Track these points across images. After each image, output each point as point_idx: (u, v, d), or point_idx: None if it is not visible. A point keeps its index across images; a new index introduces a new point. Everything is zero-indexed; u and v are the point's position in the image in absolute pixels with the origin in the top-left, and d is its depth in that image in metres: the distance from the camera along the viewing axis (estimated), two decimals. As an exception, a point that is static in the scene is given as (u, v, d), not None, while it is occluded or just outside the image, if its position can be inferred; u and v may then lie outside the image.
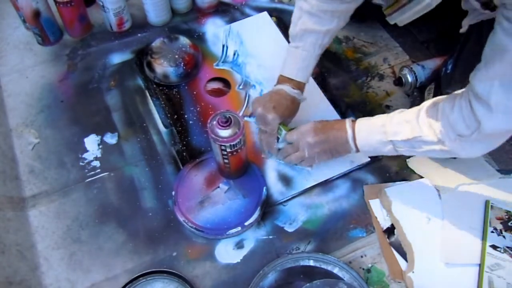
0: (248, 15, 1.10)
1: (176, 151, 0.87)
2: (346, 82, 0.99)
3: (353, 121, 0.74)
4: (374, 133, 0.71)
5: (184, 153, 0.86)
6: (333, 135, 0.75)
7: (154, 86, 0.96)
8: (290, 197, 0.81)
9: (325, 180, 0.83)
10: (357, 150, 0.74)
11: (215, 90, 0.96)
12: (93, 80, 0.98)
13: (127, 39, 1.05)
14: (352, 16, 1.07)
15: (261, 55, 1.01)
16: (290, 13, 1.09)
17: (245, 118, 0.90)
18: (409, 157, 0.85)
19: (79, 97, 0.95)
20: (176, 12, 1.10)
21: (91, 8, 1.09)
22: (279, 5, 1.13)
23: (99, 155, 0.87)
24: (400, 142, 0.68)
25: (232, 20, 1.09)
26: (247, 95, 0.94)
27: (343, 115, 0.91)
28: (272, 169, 0.84)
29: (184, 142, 0.88)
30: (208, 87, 0.97)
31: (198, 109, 0.92)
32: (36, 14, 0.97)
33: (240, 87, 0.96)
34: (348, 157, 0.84)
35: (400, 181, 0.83)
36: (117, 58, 1.02)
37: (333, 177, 0.83)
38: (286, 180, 0.83)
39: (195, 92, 0.95)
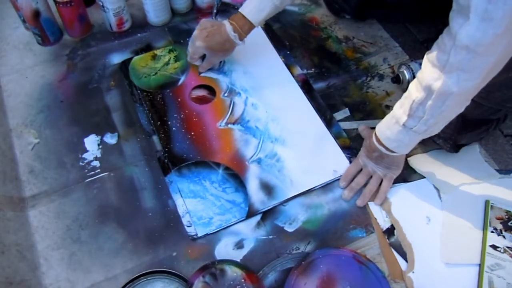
0: (248, 15, 1.09)
1: (157, 158, 0.85)
2: (346, 82, 0.99)
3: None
4: (391, 128, 0.72)
5: (166, 160, 0.85)
6: (373, 152, 0.79)
7: (139, 92, 0.95)
8: (270, 207, 0.80)
9: (307, 190, 0.82)
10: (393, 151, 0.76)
11: (200, 98, 0.95)
12: (93, 80, 0.98)
13: (127, 39, 1.05)
14: (352, 16, 1.08)
15: (247, 62, 1.00)
16: (290, 13, 1.11)
17: (229, 125, 0.90)
18: (409, 156, 0.86)
19: (79, 97, 0.95)
20: (176, 12, 1.10)
21: (91, 8, 1.09)
22: (279, 5, 1.13)
23: (99, 155, 0.87)
24: (408, 121, 0.68)
25: (232, 20, 1.09)
26: (232, 102, 0.94)
27: (328, 124, 0.90)
28: (254, 177, 0.83)
29: (166, 149, 0.86)
30: (193, 95, 0.95)
31: (182, 116, 0.91)
32: (36, 14, 0.97)
33: (225, 94, 0.95)
34: (330, 167, 0.84)
35: (399, 181, 0.83)
36: (117, 58, 1.02)
37: (315, 187, 0.82)
38: (267, 189, 0.82)
39: (179, 99, 0.94)
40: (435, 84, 0.61)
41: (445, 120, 0.68)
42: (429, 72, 0.62)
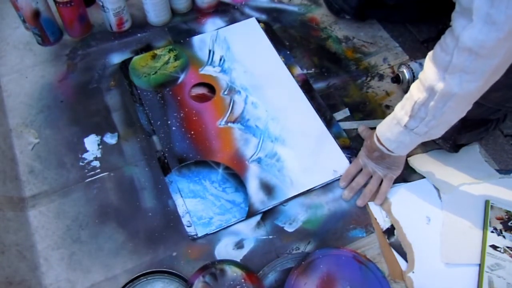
0: (248, 16, 1.09)
1: (157, 158, 0.85)
2: (346, 82, 0.99)
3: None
4: (392, 129, 0.72)
5: (166, 160, 0.85)
6: (374, 152, 0.78)
7: (139, 92, 0.95)
8: (270, 207, 0.80)
9: (307, 190, 0.82)
10: (393, 152, 0.76)
11: (200, 96, 0.95)
12: (93, 80, 0.98)
13: (127, 39, 1.05)
14: (352, 16, 1.08)
15: (247, 61, 1.00)
16: (290, 13, 1.11)
17: (229, 124, 0.90)
18: (409, 156, 0.86)
19: (79, 97, 0.95)
20: (176, 12, 1.10)
21: (91, 8, 1.09)
22: (279, 5, 1.13)
23: (99, 155, 0.87)
24: (410, 122, 0.68)
25: (232, 20, 1.09)
26: (232, 100, 0.93)
27: (328, 124, 0.90)
28: (254, 177, 0.83)
29: (166, 149, 0.86)
30: (193, 93, 0.95)
31: (182, 115, 0.91)
32: (36, 14, 0.97)
33: (225, 92, 0.95)
34: (330, 167, 0.84)
35: (399, 181, 0.83)
36: (117, 58, 1.02)
37: (315, 187, 0.82)
38: (267, 189, 0.82)
39: (179, 98, 0.94)
40: (438, 85, 0.61)
41: (446, 123, 0.68)
42: (431, 73, 0.62)
